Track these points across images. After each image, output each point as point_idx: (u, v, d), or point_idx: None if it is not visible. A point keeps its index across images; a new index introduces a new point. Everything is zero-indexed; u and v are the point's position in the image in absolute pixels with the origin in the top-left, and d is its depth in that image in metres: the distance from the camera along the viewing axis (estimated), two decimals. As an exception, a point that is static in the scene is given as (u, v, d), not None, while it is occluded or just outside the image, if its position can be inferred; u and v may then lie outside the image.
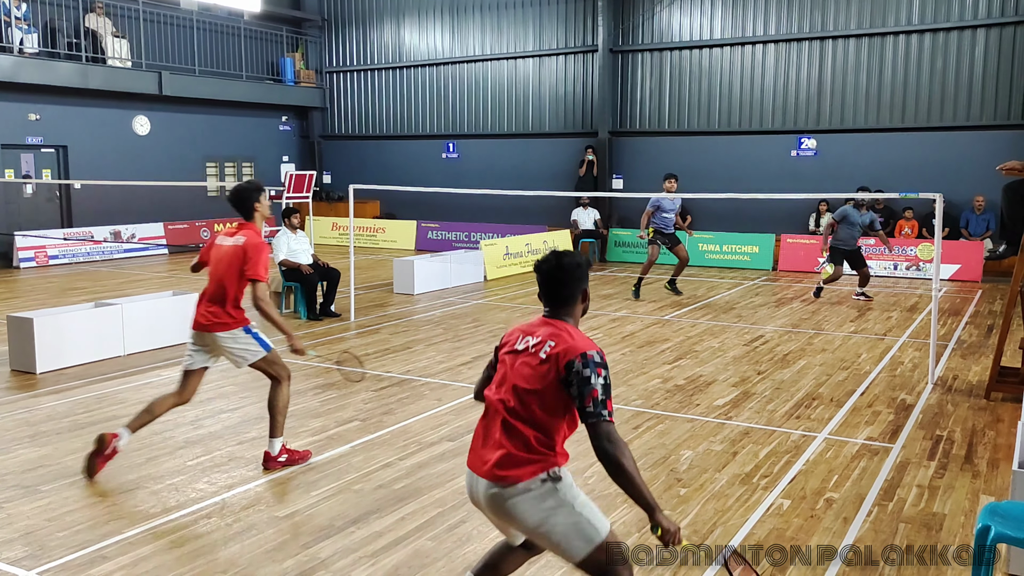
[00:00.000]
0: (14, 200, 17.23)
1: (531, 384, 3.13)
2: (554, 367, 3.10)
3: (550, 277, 3.26)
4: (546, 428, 3.13)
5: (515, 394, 3.16)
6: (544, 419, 3.13)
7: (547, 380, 3.10)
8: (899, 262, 15.53)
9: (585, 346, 3.11)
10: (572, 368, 3.06)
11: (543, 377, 3.11)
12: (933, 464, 5.78)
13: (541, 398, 3.11)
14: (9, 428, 6.53)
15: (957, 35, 16.03)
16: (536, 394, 3.12)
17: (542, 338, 3.19)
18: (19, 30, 16.38)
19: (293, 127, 23.13)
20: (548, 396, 3.11)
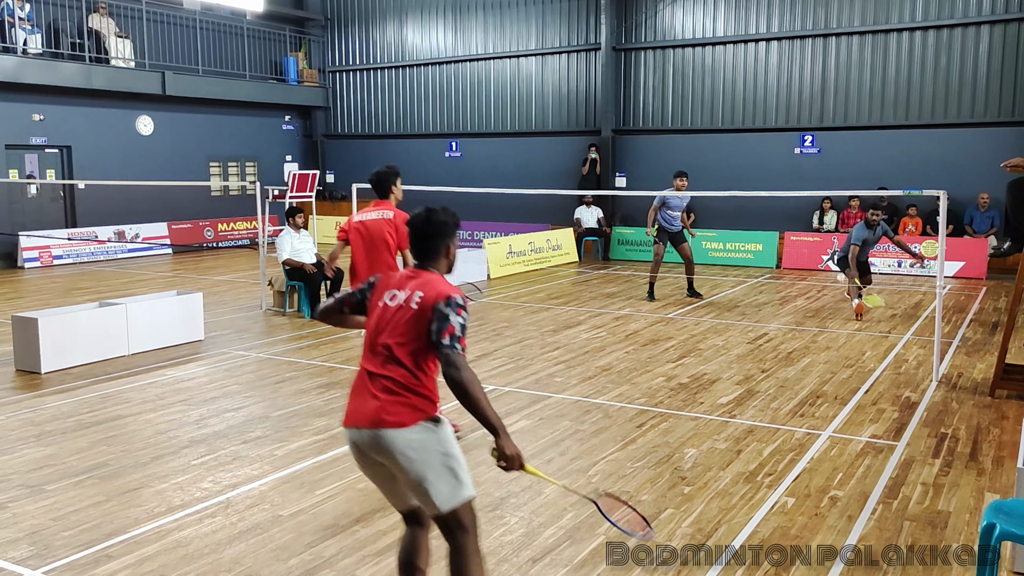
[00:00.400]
0: (18, 200, 17.26)
1: (407, 335, 3.41)
2: (425, 313, 3.39)
3: (420, 231, 3.61)
4: (424, 375, 3.42)
5: (393, 346, 3.42)
6: (423, 366, 3.42)
7: (420, 327, 3.39)
8: (903, 259, 15.50)
9: (450, 291, 3.43)
10: (436, 308, 3.37)
11: (417, 325, 3.40)
12: (938, 462, 5.77)
13: (418, 346, 3.40)
14: (14, 428, 6.55)
15: (961, 32, 15.99)
16: (413, 343, 3.40)
17: (411, 290, 3.49)
18: (23, 31, 16.40)
19: (296, 126, 23.15)
20: (423, 342, 3.39)
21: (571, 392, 7.54)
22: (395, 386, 3.39)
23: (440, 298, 3.40)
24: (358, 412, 3.44)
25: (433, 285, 3.47)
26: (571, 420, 6.71)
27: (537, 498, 5.13)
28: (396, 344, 3.42)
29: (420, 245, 3.62)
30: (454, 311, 3.37)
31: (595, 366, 8.50)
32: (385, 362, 3.44)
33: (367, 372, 3.49)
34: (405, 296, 3.49)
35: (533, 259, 16.43)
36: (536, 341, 9.70)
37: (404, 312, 3.45)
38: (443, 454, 3.40)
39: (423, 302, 3.42)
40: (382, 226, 6.42)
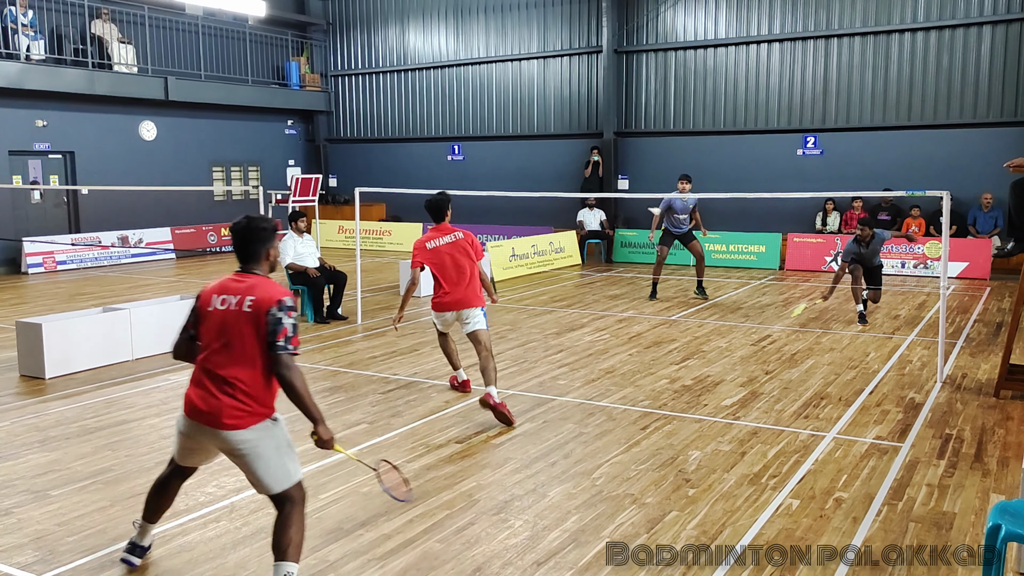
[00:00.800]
0: (22, 206, 17.30)
1: (243, 337, 3.78)
2: (258, 316, 3.78)
3: (241, 236, 3.98)
4: (262, 375, 3.82)
5: (231, 348, 3.80)
6: (258, 367, 3.81)
7: (255, 330, 3.77)
8: (907, 260, 15.48)
9: (280, 294, 3.83)
10: (270, 312, 3.77)
11: (252, 327, 3.77)
12: (943, 463, 5.76)
13: (253, 347, 3.79)
14: (19, 433, 6.56)
15: (963, 32, 15.98)
16: (248, 345, 3.79)
17: (241, 294, 3.84)
18: (26, 37, 16.45)
19: (299, 131, 23.18)
20: (259, 344, 3.78)
21: (575, 395, 7.54)
22: (234, 389, 3.79)
23: (272, 303, 3.79)
24: (199, 409, 3.84)
25: (263, 289, 3.85)
26: (575, 423, 6.70)
27: (541, 501, 5.13)
28: (233, 347, 3.80)
29: (243, 249, 3.98)
30: (285, 314, 3.79)
31: (599, 369, 8.50)
32: (225, 364, 3.81)
33: (208, 371, 3.84)
34: (236, 300, 3.84)
35: (536, 262, 16.43)
36: (539, 344, 9.70)
37: (238, 316, 3.81)
38: (276, 448, 3.89)
39: (255, 306, 3.79)
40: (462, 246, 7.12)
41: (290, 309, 3.81)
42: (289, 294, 3.87)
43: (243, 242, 3.98)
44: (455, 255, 7.05)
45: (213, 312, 3.89)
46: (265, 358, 3.81)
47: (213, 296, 3.92)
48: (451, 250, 7.06)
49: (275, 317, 3.78)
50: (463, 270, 7.03)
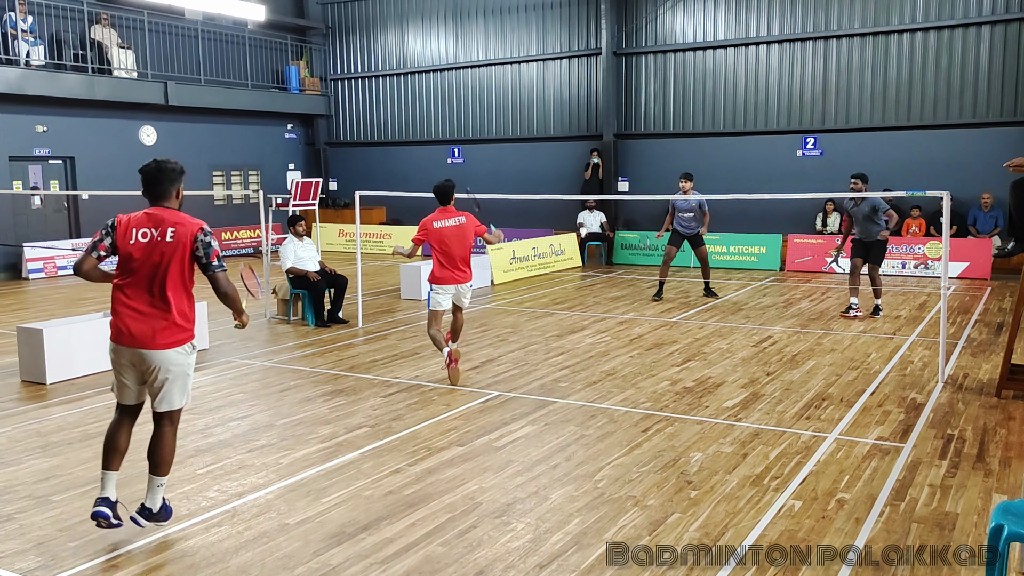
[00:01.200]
0: (22, 212, 17.31)
1: (170, 261, 4.39)
2: (184, 243, 4.40)
3: (151, 177, 4.52)
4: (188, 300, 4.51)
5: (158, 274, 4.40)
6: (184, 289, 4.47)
7: (181, 255, 4.40)
8: (907, 260, 15.48)
9: (199, 223, 4.49)
10: (198, 240, 4.43)
11: (176, 253, 4.39)
12: (945, 463, 5.76)
13: (180, 270, 4.42)
14: (20, 439, 6.56)
15: (962, 32, 15.99)
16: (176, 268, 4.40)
17: (162, 227, 4.41)
18: (25, 42, 16.47)
19: (298, 135, 23.20)
20: (185, 267, 4.43)
21: (576, 397, 7.53)
22: (166, 312, 4.43)
23: (197, 230, 4.45)
24: (133, 334, 4.44)
25: (183, 220, 4.46)
26: (576, 425, 6.70)
27: (543, 504, 5.13)
28: (162, 273, 4.39)
29: (154, 188, 4.52)
30: (212, 238, 4.48)
31: (600, 371, 8.49)
32: (155, 289, 4.42)
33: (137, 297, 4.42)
34: (158, 232, 4.41)
35: (536, 264, 16.43)
36: (540, 346, 9.69)
37: (163, 246, 4.39)
38: (187, 375, 4.60)
39: (178, 236, 4.40)
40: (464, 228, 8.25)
41: (211, 235, 4.50)
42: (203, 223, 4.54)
43: (155, 182, 4.52)
44: (458, 236, 8.09)
45: (135, 244, 4.42)
46: (189, 281, 4.51)
47: (132, 230, 4.44)
48: (455, 231, 8.08)
49: (204, 242, 4.45)
50: (464, 250, 8.13)
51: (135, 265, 4.44)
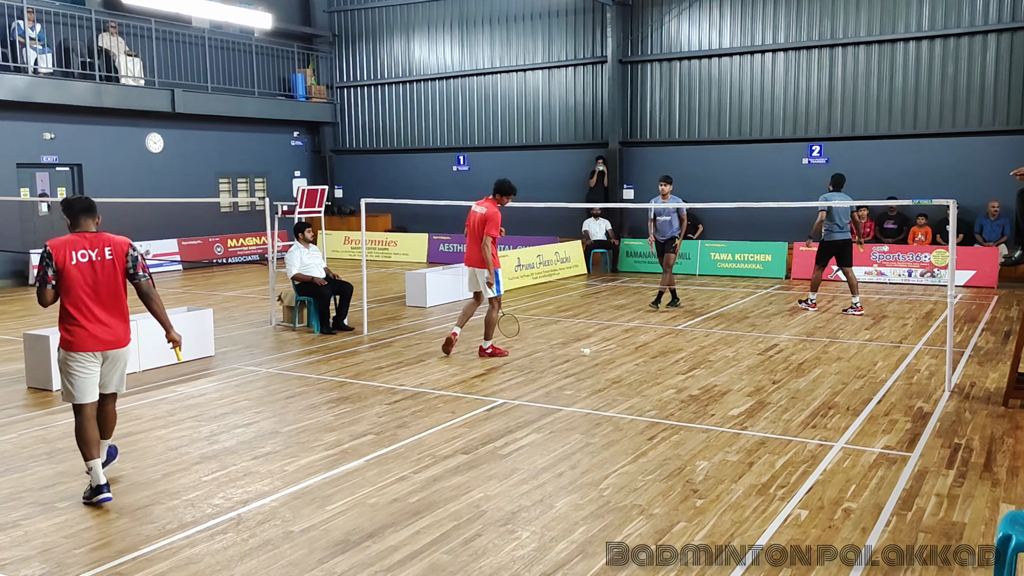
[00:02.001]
0: (30, 218, 17.36)
1: (112, 276, 5.30)
2: (118, 259, 5.32)
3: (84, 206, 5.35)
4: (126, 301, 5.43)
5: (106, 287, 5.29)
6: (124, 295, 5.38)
7: (118, 269, 5.32)
8: (913, 268, 15.45)
9: (127, 240, 5.42)
10: (128, 254, 5.36)
11: (114, 268, 5.31)
12: (952, 473, 5.73)
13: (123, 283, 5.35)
14: (26, 445, 6.57)
15: (968, 40, 15.97)
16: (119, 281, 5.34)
17: (100, 247, 5.28)
18: (34, 50, 16.55)
19: (305, 142, 23.26)
20: (122, 279, 5.35)
21: (581, 405, 7.52)
22: (122, 316, 5.39)
23: (126, 247, 5.37)
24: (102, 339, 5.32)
25: (114, 240, 5.34)
26: (581, 433, 6.69)
27: (548, 512, 5.12)
28: (109, 286, 5.28)
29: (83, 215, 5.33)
30: (139, 253, 5.41)
31: (605, 379, 8.48)
32: (108, 300, 5.29)
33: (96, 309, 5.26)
34: (96, 252, 5.26)
35: (542, 272, 16.43)
36: (546, 354, 9.69)
37: (104, 264, 5.27)
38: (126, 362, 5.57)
39: (114, 252, 5.30)
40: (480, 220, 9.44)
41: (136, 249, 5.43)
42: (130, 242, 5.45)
43: (85, 211, 5.35)
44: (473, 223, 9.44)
45: (78, 265, 5.22)
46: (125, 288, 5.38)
47: (72, 252, 5.22)
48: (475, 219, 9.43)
49: (132, 256, 5.36)
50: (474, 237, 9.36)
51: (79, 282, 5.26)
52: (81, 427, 5.37)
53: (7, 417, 7.37)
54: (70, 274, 5.21)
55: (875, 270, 15.72)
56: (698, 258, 17.23)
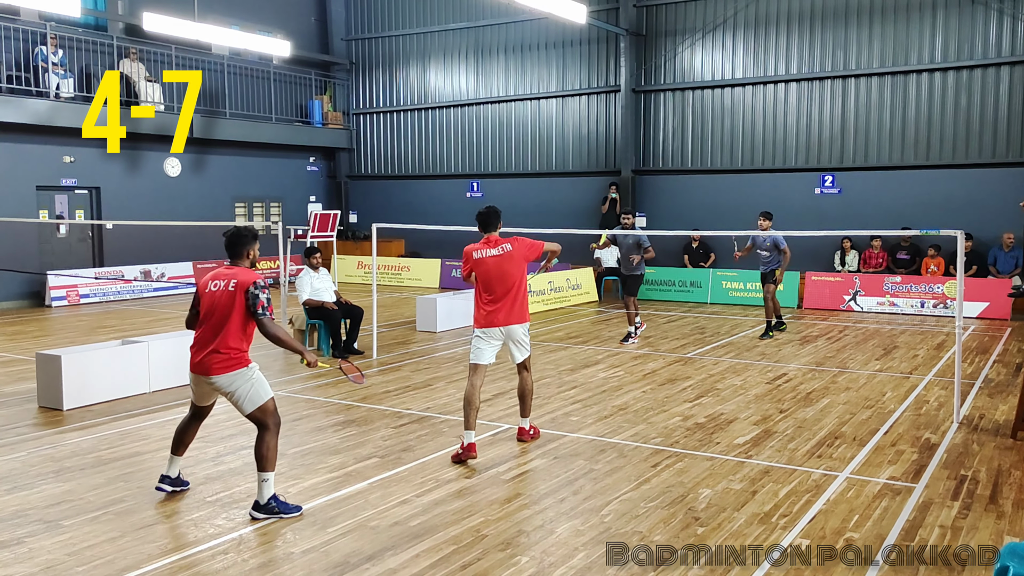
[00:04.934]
0: (48, 240, 17.60)
1: (230, 308, 5.38)
2: (239, 293, 5.37)
3: (230, 240, 5.57)
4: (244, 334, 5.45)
5: (223, 316, 5.39)
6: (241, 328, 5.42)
7: (236, 302, 5.38)
8: (926, 300, 15.38)
9: (254, 278, 5.41)
10: (249, 291, 5.37)
11: (234, 300, 5.38)
12: (957, 504, 5.69)
13: (239, 314, 5.38)
14: (34, 464, 6.63)
15: (981, 72, 16.01)
16: (234, 312, 5.37)
17: (227, 279, 5.45)
18: (56, 75, 16.86)
19: (320, 167, 23.49)
20: (240, 312, 5.38)
21: (586, 431, 7.52)
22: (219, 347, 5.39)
23: (250, 283, 5.38)
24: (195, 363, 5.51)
25: (243, 275, 5.43)
26: (585, 459, 6.69)
27: (548, 537, 5.11)
28: (221, 316, 5.38)
29: (231, 249, 5.57)
30: (261, 291, 5.39)
31: (611, 405, 8.48)
32: (214, 328, 5.41)
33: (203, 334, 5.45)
34: (224, 283, 5.43)
35: (553, 298, 16.46)
36: (553, 380, 9.70)
37: (225, 295, 5.40)
38: (249, 387, 5.46)
39: (238, 287, 5.38)
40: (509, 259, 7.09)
41: (263, 288, 5.41)
42: (262, 278, 5.45)
43: (231, 244, 5.58)
44: (498, 268, 6.95)
45: (208, 293, 5.48)
46: (244, 323, 5.41)
47: (209, 283, 5.51)
48: (497, 261, 6.99)
49: (253, 294, 5.37)
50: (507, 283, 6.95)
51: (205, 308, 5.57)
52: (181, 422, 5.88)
53: (17, 435, 7.44)
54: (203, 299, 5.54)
55: (887, 300, 15.66)
56: (709, 287, 17.22)
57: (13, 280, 16.35)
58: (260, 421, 5.49)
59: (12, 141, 16.50)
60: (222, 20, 19.44)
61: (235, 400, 5.48)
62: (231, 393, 5.46)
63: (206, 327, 5.45)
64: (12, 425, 7.79)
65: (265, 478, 5.40)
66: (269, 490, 5.41)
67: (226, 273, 5.48)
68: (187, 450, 5.97)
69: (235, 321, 5.38)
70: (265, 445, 5.46)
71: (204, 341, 5.44)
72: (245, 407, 5.48)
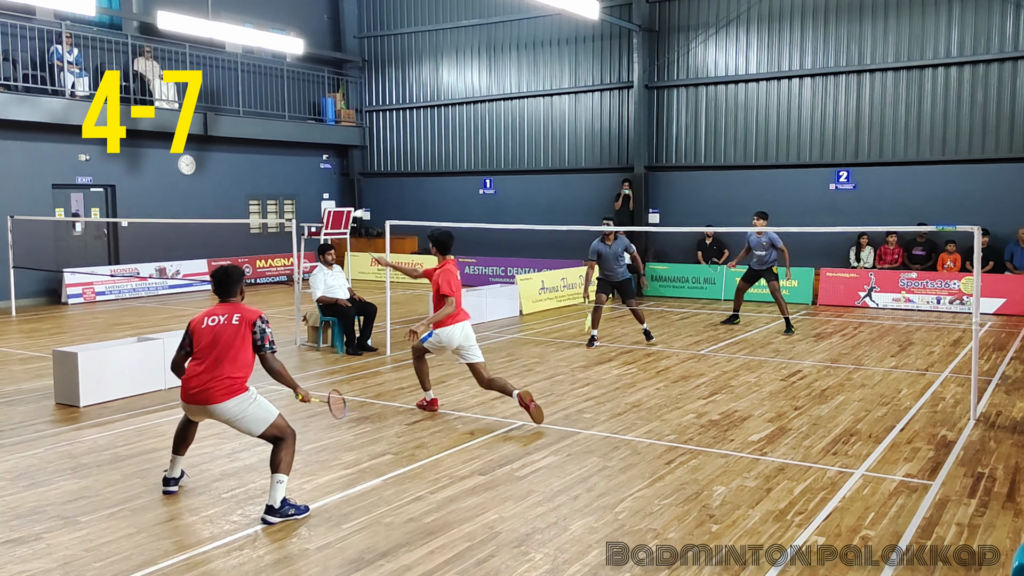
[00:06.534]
0: (64, 238, 17.72)
1: (233, 341, 5.45)
2: (244, 327, 5.47)
3: (221, 278, 5.63)
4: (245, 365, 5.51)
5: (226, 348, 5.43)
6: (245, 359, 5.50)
7: (241, 335, 5.46)
8: (942, 296, 15.27)
9: (258, 313, 5.56)
10: (255, 326, 5.50)
11: (239, 334, 5.46)
12: (973, 502, 5.65)
13: (242, 347, 5.46)
14: (52, 460, 6.69)
15: (998, 66, 15.86)
16: (237, 346, 5.44)
17: (229, 314, 5.51)
18: (71, 74, 16.96)
19: (333, 165, 23.54)
20: (245, 344, 5.47)
21: (600, 428, 7.51)
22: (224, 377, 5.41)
23: (256, 318, 5.52)
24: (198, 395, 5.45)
25: (245, 310, 5.55)
26: (599, 456, 6.68)
27: (562, 534, 5.11)
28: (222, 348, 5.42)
29: (224, 287, 5.62)
30: (266, 326, 5.56)
31: (625, 402, 8.47)
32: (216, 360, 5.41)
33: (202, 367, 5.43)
34: (225, 318, 5.50)
35: (565, 295, 16.45)
36: (566, 377, 9.69)
37: (229, 328, 5.46)
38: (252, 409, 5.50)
39: (243, 321, 5.48)
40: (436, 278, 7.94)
41: (267, 322, 5.58)
42: (262, 313, 5.60)
43: (222, 283, 5.64)
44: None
45: (206, 328, 5.48)
46: (246, 355, 5.48)
47: (205, 319, 5.53)
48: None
49: (259, 328, 5.51)
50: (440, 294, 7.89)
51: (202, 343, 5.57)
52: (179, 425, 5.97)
53: (35, 432, 7.51)
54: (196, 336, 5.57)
55: (903, 297, 15.57)
56: (723, 283, 17.16)
57: (30, 278, 16.47)
58: (276, 437, 5.50)
59: (28, 140, 16.62)
60: (235, 18, 19.51)
61: (244, 425, 5.49)
62: (237, 418, 5.46)
63: (205, 361, 5.43)
64: (30, 422, 7.85)
65: (280, 480, 5.40)
66: (282, 492, 5.40)
67: (225, 309, 5.53)
68: (188, 449, 6.01)
69: (238, 353, 5.44)
70: (283, 451, 5.47)
71: (202, 374, 5.42)
72: (256, 428, 5.49)
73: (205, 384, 5.41)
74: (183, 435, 5.91)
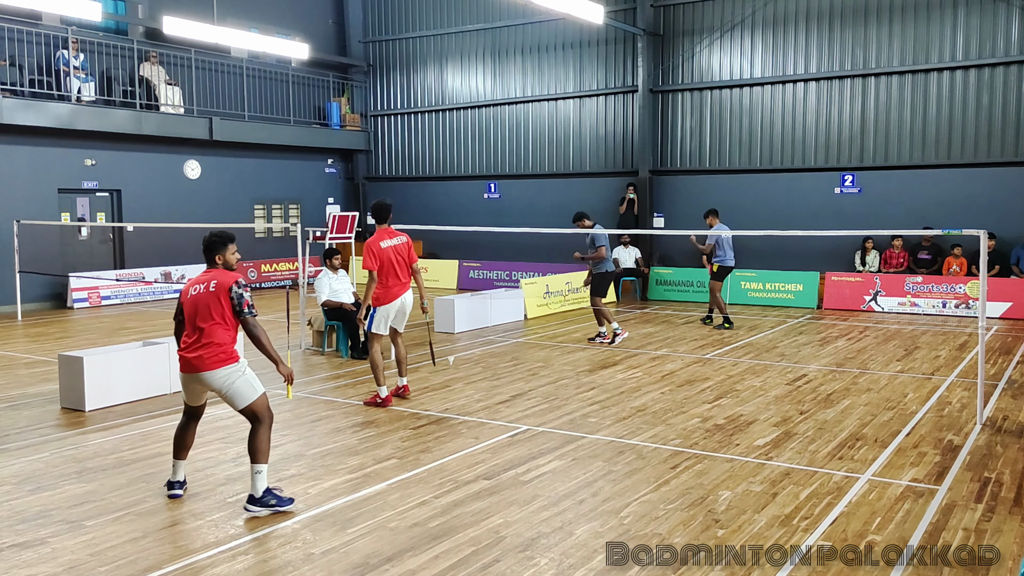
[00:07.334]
0: (69, 242, 17.77)
1: (214, 307, 5.52)
2: (221, 293, 5.53)
3: (204, 247, 5.72)
4: (229, 332, 5.58)
5: (207, 316, 5.51)
6: (226, 327, 5.56)
7: (220, 302, 5.52)
8: (948, 300, 15.23)
9: (235, 278, 5.58)
10: (231, 291, 5.53)
11: (218, 301, 5.52)
12: (980, 507, 5.63)
13: (221, 314, 5.53)
14: (57, 464, 6.70)
15: (1003, 70, 15.84)
16: (217, 313, 5.51)
17: (206, 282, 5.58)
18: (77, 79, 17.02)
19: (338, 169, 23.57)
20: (225, 311, 5.53)
21: (605, 432, 7.50)
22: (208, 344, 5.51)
23: (231, 283, 5.53)
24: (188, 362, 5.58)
25: (222, 276, 5.59)
26: (604, 461, 6.67)
27: (568, 539, 5.10)
28: (205, 316, 5.51)
29: (206, 255, 5.73)
30: (243, 290, 5.55)
31: (630, 407, 8.45)
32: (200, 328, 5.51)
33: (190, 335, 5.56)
34: (204, 286, 5.55)
35: (570, 299, 16.44)
36: (571, 381, 9.68)
37: (207, 295, 5.53)
38: (242, 382, 5.58)
39: (219, 288, 5.52)
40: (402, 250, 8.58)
41: (245, 287, 5.57)
42: (240, 277, 5.61)
43: (205, 250, 5.74)
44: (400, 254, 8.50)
45: (189, 298, 5.60)
46: (229, 321, 5.55)
47: (189, 288, 5.64)
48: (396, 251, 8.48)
49: (236, 293, 5.53)
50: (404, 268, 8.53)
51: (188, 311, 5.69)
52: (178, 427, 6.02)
53: (40, 436, 7.52)
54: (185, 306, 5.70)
55: (909, 301, 15.53)
56: (729, 287, 17.13)
57: (35, 282, 16.51)
58: (254, 416, 5.61)
59: (34, 144, 16.67)
60: (241, 23, 19.58)
61: (228, 396, 5.59)
62: (224, 389, 5.56)
63: (192, 329, 5.57)
64: (35, 426, 7.86)
65: (259, 470, 5.50)
66: (263, 482, 5.51)
67: (205, 277, 5.64)
68: (189, 453, 6.03)
69: (219, 321, 5.51)
70: (259, 438, 5.56)
71: (191, 342, 5.56)
72: (238, 403, 5.59)
73: (195, 352, 5.53)
74: (182, 438, 5.94)
